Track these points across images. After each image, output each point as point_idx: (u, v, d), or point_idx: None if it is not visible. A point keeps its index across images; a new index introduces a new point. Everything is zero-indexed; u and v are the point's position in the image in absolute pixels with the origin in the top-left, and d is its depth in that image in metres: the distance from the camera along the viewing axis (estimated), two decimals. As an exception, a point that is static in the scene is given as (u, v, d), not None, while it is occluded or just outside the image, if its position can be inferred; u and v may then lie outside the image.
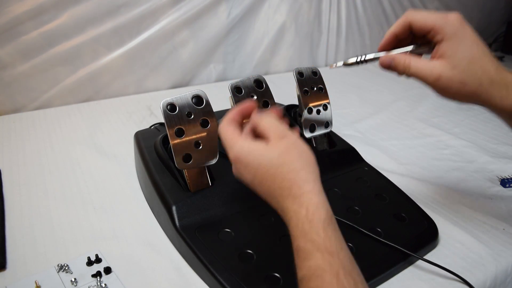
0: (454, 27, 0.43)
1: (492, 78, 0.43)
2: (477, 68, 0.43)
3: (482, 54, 0.43)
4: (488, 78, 0.43)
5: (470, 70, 0.43)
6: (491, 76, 0.43)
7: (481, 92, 0.44)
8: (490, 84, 0.43)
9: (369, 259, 0.49)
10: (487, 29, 1.81)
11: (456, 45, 0.43)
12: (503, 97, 0.43)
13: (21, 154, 0.74)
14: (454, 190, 0.67)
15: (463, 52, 0.43)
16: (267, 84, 0.58)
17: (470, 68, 0.43)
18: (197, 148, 0.52)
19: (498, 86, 0.43)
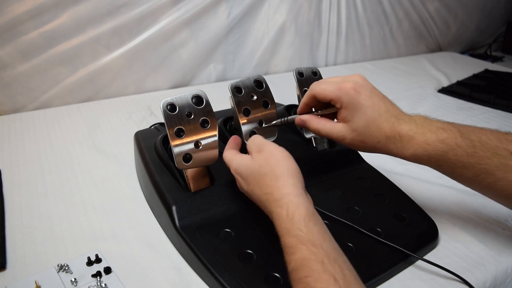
0: (348, 97, 0.49)
1: (387, 135, 0.49)
2: (373, 129, 0.49)
3: (377, 115, 0.49)
4: (384, 136, 0.49)
5: (367, 132, 0.49)
6: (386, 134, 0.49)
7: (380, 147, 0.50)
8: (387, 140, 0.49)
9: (369, 259, 0.49)
10: (487, 29, 1.81)
11: (352, 112, 0.49)
12: (399, 148, 0.49)
13: (21, 154, 0.74)
14: (454, 190, 0.67)
15: (359, 117, 0.49)
16: (267, 84, 0.58)
17: (367, 130, 0.49)
18: (197, 148, 0.52)
19: (394, 140, 0.49)
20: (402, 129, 0.49)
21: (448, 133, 0.48)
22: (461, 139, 0.47)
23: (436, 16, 1.57)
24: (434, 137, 0.48)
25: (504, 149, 0.46)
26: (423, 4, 1.51)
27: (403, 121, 0.49)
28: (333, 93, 0.50)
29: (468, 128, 0.49)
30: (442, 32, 1.64)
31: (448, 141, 0.47)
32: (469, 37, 1.78)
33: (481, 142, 0.47)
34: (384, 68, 1.38)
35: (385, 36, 1.49)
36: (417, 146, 0.48)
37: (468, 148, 0.47)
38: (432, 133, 0.48)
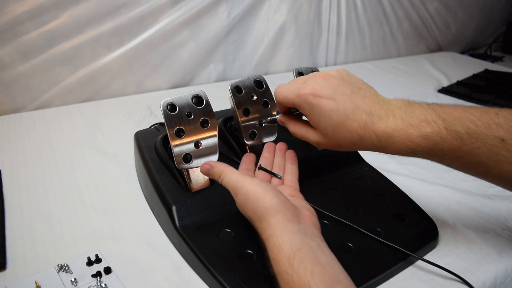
0: (307, 104, 0.46)
1: (361, 136, 0.45)
2: (343, 132, 0.45)
3: (343, 117, 0.45)
4: (358, 137, 0.45)
5: (338, 135, 0.46)
6: (358, 134, 0.45)
7: (358, 146, 0.46)
8: (361, 141, 0.45)
9: (369, 259, 0.49)
10: (487, 29, 1.81)
11: (316, 118, 0.46)
12: (379, 147, 0.46)
13: (21, 154, 0.74)
14: (454, 190, 0.67)
15: (325, 123, 0.46)
16: (267, 84, 0.58)
17: (337, 134, 0.46)
18: (197, 148, 0.52)
19: (370, 140, 0.45)
20: (378, 128, 0.44)
21: (432, 126, 0.43)
22: (446, 132, 0.43)
23: (436, 16, 1.57)
24: (416, 132, 0.44)
25: (494, 137, 0.42)
26: (423, 4, 1.51)
27: (378, 117, 0.45)
28: (293, 100, 0.48)
29: (454, 115, 0.44)
30: (442, 32, 1.64)
31: (432, 136, 0.43)
32: (469, 37, 1.78)
33: (468, 133, 0.43)
34: (384, 68, 1.38)
35: (385, 36, 1.49)
36: (399, 144, 0.44)
37: (455, 141, 0.43)
38: (414, 128, 0.44)
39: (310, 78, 0.48)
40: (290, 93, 0.48)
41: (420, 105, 0.45)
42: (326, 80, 0.46)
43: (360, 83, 0.48)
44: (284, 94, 0.49)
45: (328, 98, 0.45)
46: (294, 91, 0.47)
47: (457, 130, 0.43)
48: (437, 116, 0.44)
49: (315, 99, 0.46)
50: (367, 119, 0.45)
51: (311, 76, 0.48)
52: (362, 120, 0.45)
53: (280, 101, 0.50)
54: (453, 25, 1.66)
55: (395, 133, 0.44)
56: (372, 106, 0.45)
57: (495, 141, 0.42)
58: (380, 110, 0.45)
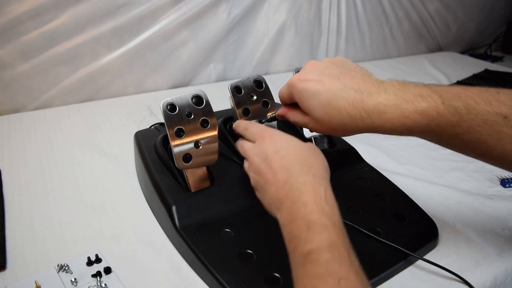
0: (296, 90, 0.47)
1: (350, 114, 0.44)
2: (332, 111, 0.44)
3: (331, 96, 0.44)
4: (346, 116, 0.44)
5: (328, 117, 0.45)
6: (348, 112, 0.44)
7: (350, 127, 0.45)
8: (352, 120, 0.44)
9: (369, 259, 0.49)
10: (487, 29, 1.81)
11: (305, 102, 0.46)
12: (372, 125, 0.44)
13: (21, 154, 0.74)
14: (454, 190, 0.67)
15: (314, 105, 0.45)
16: (267, 84, 0.58)
17: (327, 116, 0.45)
18: (197, 148, 0.52)
19: (360, 118, 0.43)
20: (369, 105, 0.42)
21: (428, 101, 0.41)
22: (443, 106, 0.41)
23: (436, 16, 1.57)
24: (411, 107, 0.41)
25: (496, 113, 0.40)
26: (423, 4, 1.50)
27: (368, 94, 0.43)
28: (285, 92, 0.49)
29: (452, 92, 0.42)
30: (442, 32, 1.64)
31: (428, 111, 0.41)
32: (469, 37, 1.78)
33: (467, 108, 0.40)
34: (384, 68, 1.38)
35: (385, 36, 1.49)
36: (392, 121, 0.42)
37: (453, 116, 0.41)
38: (408, 103, 0.41)
39: (302, 70, 0.49)
40: (284, 87, 0.50)
41: (415, 84, 0.44)
42: (313, 65, 0.47)
43: (353, 66, 0.48)
44: (280, 91, 0.51)
45: (315, 80, 0.45)
46: (286, 84, 0.50)
47: (455, 105, 0.41)
48: (433, 92, 0.42)
49: (301, 83, 0.46)
50: (355, 96, 0.43)
51: (303, 68, 0.49)
52: (350, 97, 0.43)
53: (280, 99, 0.52)
54: (453, 25, 1.66)
55: (388, 109, 0.42)
56: (361, 84, 0.44)
57: (497, 118, 0.40)
58: (371, 87, 0.44)
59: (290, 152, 0.43)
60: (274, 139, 0.45)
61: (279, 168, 0.42)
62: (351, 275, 0.32)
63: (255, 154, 0.46)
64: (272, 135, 0.46)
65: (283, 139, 0.45)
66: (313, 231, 0.35)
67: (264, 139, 0.46)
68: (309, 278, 0.33)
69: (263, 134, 0.47)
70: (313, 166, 0.42)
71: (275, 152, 0.43)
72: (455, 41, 1.72)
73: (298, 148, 0.44)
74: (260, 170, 0.44)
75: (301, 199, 0.38)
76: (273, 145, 0.44)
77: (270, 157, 0.43)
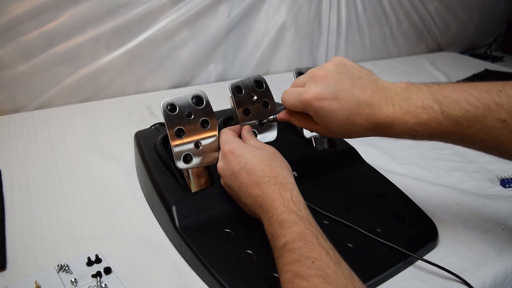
0: (312, 109, 0.48)
1: (366, 127, 0.47)
2: (350, 127, 0.47)
3: (348, 114, 0.46)
4: (363, 129, 0.47)
5: (345, 131, 0.48)
6: (364, 127, 0.46)
7: (367, 134, 0.48)
8: (367, 132, 0.47)
9: (369, 259, 0.49)
10: (487, 29, 1.81)
11: (322, 120, 0.48)
12: (385, 134, 0.47)
13: (21, 154, 0.74)
14: (454, 190, 0.67)
15: (331, 121, 0.47)
16: (267, 84, 0.58)
17: (344, 129, 0.47)
18: (197, 148, 0.52)
19: (374, 130, 0.47)
20: (379, 118, 0.45)
21: (429, 112, 0.43)
22: (442, 117, 0.43)
23: (436, 16, 1.57)
24: (413, 120, 0.44)
25: (494, 118, 0.41)
26: (423, 4, 1.50)
27: (379, 107, 0.45)
28: (298, 107, 0.49)
29: (452, 97, 0.43)
30: (442, 32, 1.64)
31: (429, 123, 0.44)
32: (469, 37, 1.78)
33: (466, 116, 0.42)
34: (384, 68, 1.38)
35: (385, 36, 1.49)
36: (399, 131, 0.45)
37: (452, 125, 0.43)
38: (412, 116, 0.44)
39: (308, 79, 0.49)
40: (294, 101, 0.49)
41: (418, 89, 0.45)
42: (325, 79, 0.47)
43: (357, 71, 0.49)
44: (288, 103, 0.51)
45: (331, 98, 0.46)
46: (297, 97, 0.49)
47: (454, 115, 0.42)
48: (434, 100, 0.44)
49: (318, 103, 0.46)
50: (369, 111, 0.46)
51: (310, 77, 0.49)
52: (365, 113, 0.46)
53: (288, 107, 0.52)
54: (453, 25, 1.66)
55: (395, 122, 0.45)
56: (372, 96, 0.46)
57: (496, 123, 0.41)
58: (380, 98, 0.46)
59: (255, 166, 0.47)
60: (235, 155, 0.48)
61: (248, 183, 0.46)
62: (322, 256, 0.37)
63: (222, 168, 0.50)
64: (233, 149, 0.49)
65: (244, 153, 0.48)
66: (284, 227, 0.40)
67: (227, 155, 0.49)
68: (288, 264, 0.37)
69: (224, 149, 0.50)
70: (278, 175, 0.46)
71: (241, 168, 0.47)
72: (455, 41, 1.72)
73: (261, 158, 0.47)
74: (231, 184, 0.49)
75: (273, 206, 0.43)
76: (236, 160, 0.48)
77: (237, 173, 0.47)
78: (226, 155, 0.49)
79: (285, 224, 0.40)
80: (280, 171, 0.46)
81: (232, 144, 0.50)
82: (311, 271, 0.35)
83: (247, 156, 0.48)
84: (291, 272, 0.36)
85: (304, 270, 0.35)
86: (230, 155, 0.49)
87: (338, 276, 0.35)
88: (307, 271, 0.35)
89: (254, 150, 0.48)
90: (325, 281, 0.34)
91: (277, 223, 0.41)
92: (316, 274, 0.35)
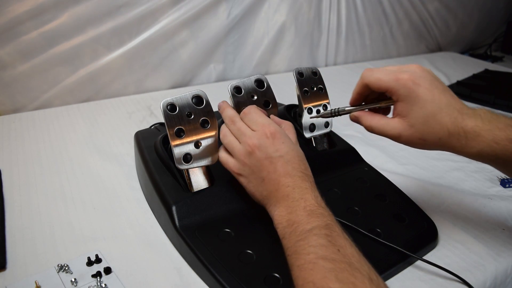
0: (406, 89, 0.46)
1: (450, 131, 0.45)
2: (434, 124, 0.45)
3: (437, 109, 0.45)
4: (446, 132, 0.45)
5: (426, 128, 0.46)
6: (448, 129, 0.45)
7: (442, 144, 0.46)
8: (449, 137, 0.45)
9: (369, 259, 0.49)
10: (487, 29, 1.81)
11: (410, 106, 0.46)
12: (464, 146, 0.45)
13: (21, 154, 0.74)
14: (454, 190, 0.67)
15: (417, 112, 0.46)
16: (268, 83, 0.58)
17: (426, 126, 0.46)
18: (197, 148, 0.52)
19: (457, 136, 0.45)
20: (467, 125, 0.44)
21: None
22: None
23: (436, 16, 1.57)
24: (503, 135, 0.43)
25: None
26: (423, 4, 1.51)
27: (467, 115, 0.45)
28: (388, 84, 0.46)
29: None
30: (442, 32, 1.64)
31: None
32: (469, 37, 1.78)
33: None
34: (384, 68, 1.38)
35: (385, 36, 1.49)
36: (483, 144, 0.44)
37: None
38: (501, 131, 0.43)
39: (404, 66, 0.48)
40: (386, 76, 0.47)
41: (503, 115, 0.46)
42: (423, 72, 0.47)
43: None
44: (377, 76, 0.48)
45: (426, 88, 0.45)
46: (391, 74, 0.47)
47: None
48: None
49: (414, 86, 0.45)
50: (457, 115, 0.45)
51: (405, 66, 0.48)
52: (453, 115, 0.45)
53: (370, 82, 0.49)
54: (453, 25, 1.66)
55: (482, 132, 0.44)
56: (461, 105, 0.46)
57: None
58: (468, 110, 0.46)
59: (294, 159, 0.47)
60: (278, 140, 0.47)
61: (284, 173, 0.46)
62: (347, 246, 0.38)
63: (256, 147, 0.47)
64: (277, 134, 0.48)
65: (286, 142, 0.48)
66: (312, 216, 0.41)
67: (268, 137, 0.47)
68: (312, 246, 0.38)
69: (267, 129, 0.48)
70: (309, 175, 0.47)
71: (280, 155, 0.46)
72: (455, 41, 1.72)
73: (299, 155, 0.48)
74: (261, 165, 0.47)
75: (303, 196, 0.44)
76: (278, 146, 0.47)
77: (275, 159, 0.46)
78: (266, 135, 0.47)
79: (314, 214, 0.41)
80: (310, 174, 0.48)
81: (275, 127, 0.48)
82: (336, 256, 0.37)
83: (289, 146, 0.47)
84: (315, 254, 0.37)
85: (330, 254, 0.37)
86: (272, 139, 0.47)
87: (362, 265, 0.36)
88: (333, 255, 0.37)
89: (294, 144, 0.49)
90: (350, 267, 0.36)
91: (305, 211, 0.42)
92: (341, 260, 0.36)
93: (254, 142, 0.47)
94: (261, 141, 0.47)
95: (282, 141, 0.47)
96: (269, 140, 0.47)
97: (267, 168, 0.46)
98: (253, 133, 0.48)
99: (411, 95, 0.45)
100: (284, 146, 0.47)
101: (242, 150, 0.48)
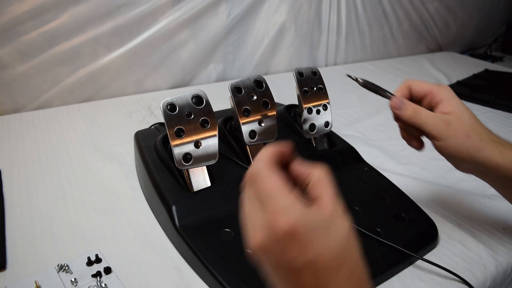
0: (449, 92, 0.49)
1: (489, 135, 0.47)
2: (478, 124, 0.47)
3: (467, 127, 0.47)
4: (487, 135, 0.47)
5: (472, 125, 0.47)
6: (488, 133, 0.47)
7: (483, 146, 0.46)
8: (489, 141, 0.46)
9: (369, 259, 0.48)
10: (487, 29, 1.81)
11: (456, 103, 0.48)
12: (502, 152, 0.46)
13: (21, 154, 0.74)
14: (454, 190, 0.67)
15: (464, 109, 0.48)
16: (267, 84, 0.58)
17: (472, 123, 0.47)
18: (197, 148, 0.52)
19: (495, 142, 0.47)
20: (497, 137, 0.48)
21: None
22: None
23: (436, 16, 1.57)
24: None
25: None
26: (423, 4, 1.51)
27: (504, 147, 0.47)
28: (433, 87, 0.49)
29: None
30: (442, 32, 1.64)
31: None
32: (469, 37, 1.78)
33: None
34: (384, 68, 1.38)
35: (385, 36, 1.49)
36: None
37: None
38: None
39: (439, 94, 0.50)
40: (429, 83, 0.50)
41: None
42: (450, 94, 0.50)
43: None
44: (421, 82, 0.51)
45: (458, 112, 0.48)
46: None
47: None
48: None
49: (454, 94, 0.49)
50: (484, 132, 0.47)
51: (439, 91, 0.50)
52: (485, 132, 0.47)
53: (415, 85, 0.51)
54: (453, 25, 1.66)
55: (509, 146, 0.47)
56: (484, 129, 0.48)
57: None
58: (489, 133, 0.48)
59: (327, 263, 0.29)
60: (300, 240, 0.28)
61: (313, 285, 0.29)
62: None
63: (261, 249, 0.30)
64: (298, 227, 0.28)
65: (316, 236, 0.29)
66: None
67: (282, 235, 0.28)
68: None
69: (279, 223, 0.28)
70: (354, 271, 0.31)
71: (305, 265, 0.29)
72: (455, 41, 1.72)
73: (337, 247, 0.30)
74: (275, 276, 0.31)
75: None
76: (298, 250, 0.28)
77: (297, 271, 0.29)
78: (284, 233, 0.28)
79: None
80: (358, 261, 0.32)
81: (294, 214, 0.28)
82: None
83: (319, 248, 0.29)
84: None
85: None
86: (290, 238, 0.28)
87: None
88: None
89: (328, 231, 0.30)
90: None
91: None
92: None
93: (257, 241, 0.30)
94: (274, 238, 0.29)
95: (306, 242, 0.28)
96: (285, 239, 0.28)
97: (288, 281, 0.30)
98: (259, 222, 0.30)
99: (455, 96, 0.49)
100: (309, 250, 0.28)
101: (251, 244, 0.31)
